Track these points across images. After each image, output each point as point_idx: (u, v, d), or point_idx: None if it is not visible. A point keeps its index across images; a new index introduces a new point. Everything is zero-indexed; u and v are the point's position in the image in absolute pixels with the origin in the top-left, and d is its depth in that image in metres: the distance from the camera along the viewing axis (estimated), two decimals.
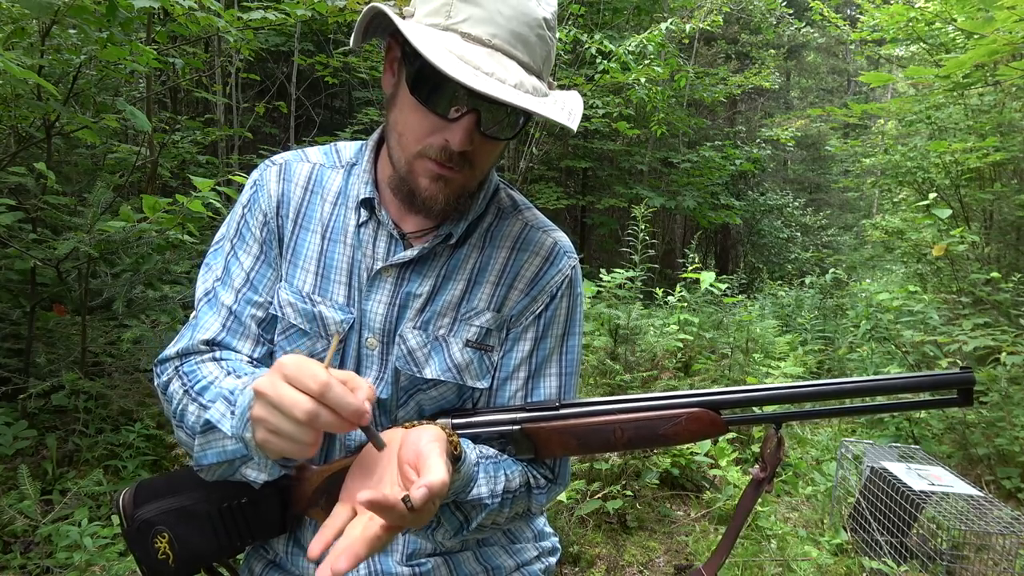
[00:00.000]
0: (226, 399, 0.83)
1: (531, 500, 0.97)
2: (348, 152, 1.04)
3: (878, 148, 8.08)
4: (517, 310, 0.99)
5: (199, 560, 0.90)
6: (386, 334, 0.95)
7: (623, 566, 3.01)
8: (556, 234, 1.03)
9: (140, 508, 0.89)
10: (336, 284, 0.96)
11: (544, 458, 0.96)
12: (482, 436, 0.93)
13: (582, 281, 1.06)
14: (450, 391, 0.97)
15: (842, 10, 13.92)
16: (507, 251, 0.99)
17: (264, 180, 1.00)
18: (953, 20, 5.62)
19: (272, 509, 0.91)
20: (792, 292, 9.62)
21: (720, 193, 11.79)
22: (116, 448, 3.13)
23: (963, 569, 2.82)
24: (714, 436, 0.89)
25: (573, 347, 1.03)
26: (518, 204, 1.05)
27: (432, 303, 0.96)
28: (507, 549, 1.06)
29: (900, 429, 4.43)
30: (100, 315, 3.56)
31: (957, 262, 5.38)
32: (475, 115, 0.84)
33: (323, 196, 0.99)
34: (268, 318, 0.97)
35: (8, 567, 2.36)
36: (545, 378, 1.01)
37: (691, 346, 4.93)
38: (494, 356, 0.99)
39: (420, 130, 0.86)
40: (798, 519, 3.62)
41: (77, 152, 4.29)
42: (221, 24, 3.11)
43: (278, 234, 0.98)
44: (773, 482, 0.93)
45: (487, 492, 0.88)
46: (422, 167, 0.88)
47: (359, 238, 0.96)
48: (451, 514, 0.89)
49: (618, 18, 9.29)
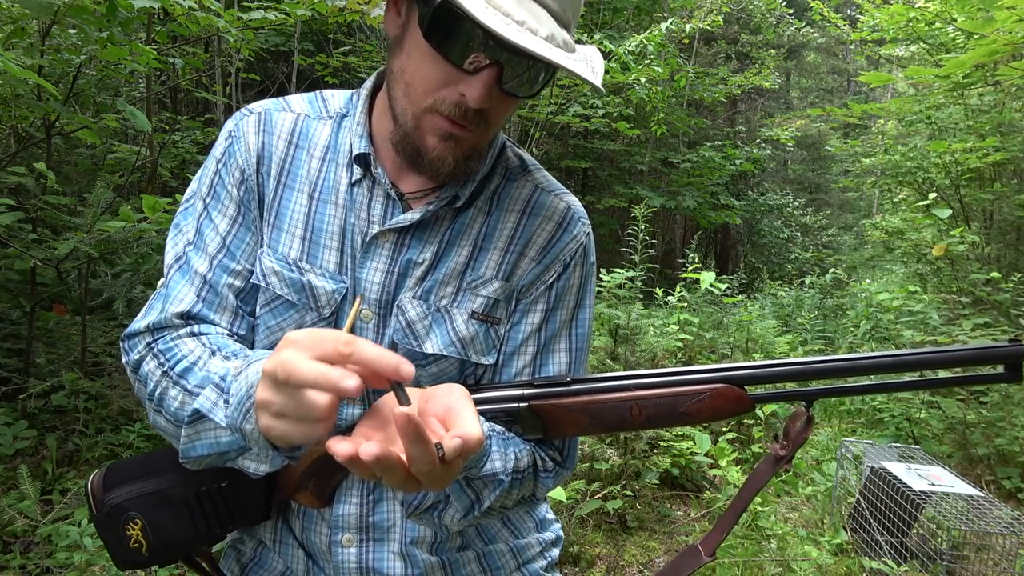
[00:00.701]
0: (217, 385, 0.75)
1: (537, 483, 0.90)
2: (337, 101, 0.93)
3: (878, 148, 8.08)
4: (528, 279, 0.91)
5: (175, 548, 0.84)
6: (382, 305, 0.87)
7: (623, 566, 3.01)
8: (568, 198, 0.95)
9: (110, 492, 0.82)
10: (326, 250, 0.87)
11: (553, 438, 0.88)
12: (487, 414, 0.84)
13: (594, 249, 0.98)
14: (452, 367, 0.89)
15: (842, 10, 13.92)
16: (517, 215, 0.91)
17: (241, 131, 0.89)
18: (953, 20, 5.62)
19: (255, 493, 0.84)
20: (792, 292, 9.62)
21: (720, 193, 11.79)
22: (116, 448, 3.13)
23: (963, 569, 2.82)
24: (739, 414, 0.81)
25: (584, 320, 0.96)
26: (527, 164, 0.96)
27: (434, 271, 0.88)
28: (511, 547, 1.00)
29: (900, 429, 4.43)
30: (100, 315, 3.56)
31: (957, 262, 5.38)
32: (497, 68, 0.74)
33: (309, 151, 0.89)
34: (248, 288, 0.88)
35: (8, 567, 2.36)
36: (555, 353, 0.93)
37: (691, 346, 4.92)
38: (500, 329, 0.91)
39: (432, 81, 0.76)
40: (798, 519, 3.62)
41: (77, 152, 4.29)
42: (221, 24, 3.11)
43: (258, 193, 0.88)
44: (792, 463, 0.84)
45: (500, 467, 0.81)
46: (431, 123, 0.78)
47: (352, 198, 0.87)
48: (461, 491, 0.80)
49: (618, 18, 9.29)
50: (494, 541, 0.99)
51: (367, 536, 0.90)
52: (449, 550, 0.94)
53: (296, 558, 0.93)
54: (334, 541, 0.90)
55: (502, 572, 0.99)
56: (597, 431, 0.85)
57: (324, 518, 0.90)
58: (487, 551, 0.97)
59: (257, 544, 0.96)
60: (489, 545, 0.98)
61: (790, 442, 0.82)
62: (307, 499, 0.86)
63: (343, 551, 0.90)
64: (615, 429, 0.85)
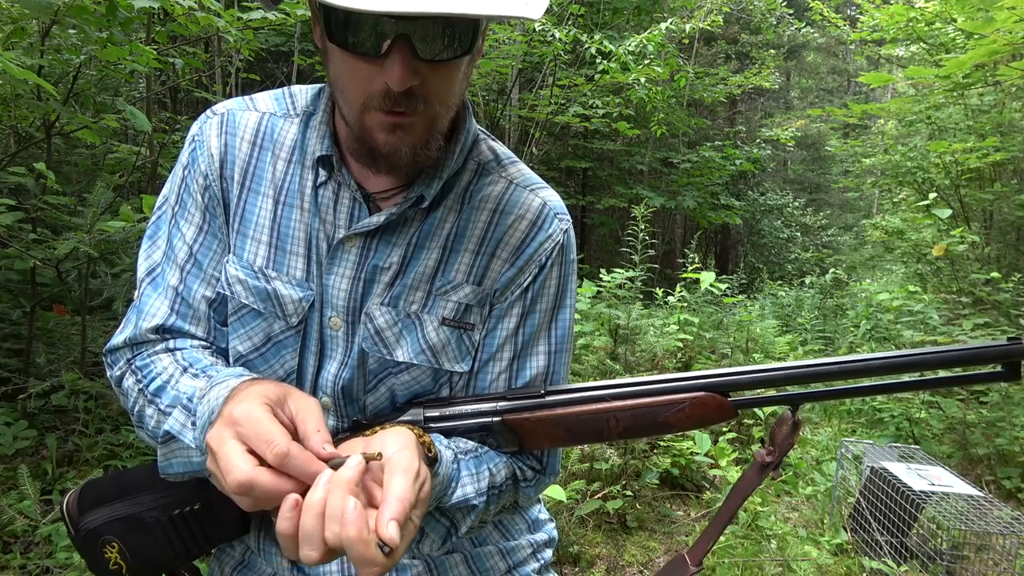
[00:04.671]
0: (185, 407, 0.75)
1: (518, 493, 0.88)
2: (304, 98, 0.89)
3: (878, 148, 8.09)
4: (501, 283, 0.87)
5: (154, 569, 0.82)
6: (350, 312, 0.84)
7: (623, 566, 3.01)
8: (545, 192, 0.90)
9: (85, 515, 0.81)
10: (292, 256, 0.84)
11: (531, 450, 0.86)
12: (459, 429, 0.82)
13: (575, 246, 0.93)
14: (425, 375, 0.86)
15: (842, 10, 13.92)
16: (488, 213, 0.86)
17: (204, 135, 0.87)
18: (953, 20, 5.62)
19: (229, 512, 0.82)
20: (792, 292, 9.62)
21: (720, 193, 11.80)
22: (116, 448, 3.13)
23: (963, 569, 2.82)
24: (722, 421, 0.79)
25: (564, 321, 0.91)
26: (501, 158, 0.91)
27: (403, 276, 0.84)
28: (500, 549, 0.97)
29: (900, 429, 4.44)
30: (100, 315, 3.56)
31: (957, 262, 5.38)
32: (405, 42, 0.69)
33: (275, 152, 0.85)
34: (218, 298, 0.86)
35: (8, 567, 2.36)
36: (532, 357, 0.89)
37: (691, 346, 4.92)
38: (475, 335, 0.87)
39: (356, 79, 0.74)
40: (798, 519, 3.62)
41: (77, 152, 4.29)
42: (221, 24, 3.11)
43: (222, 199, 0.85)
44: (779, 470, 0.81)
45: (472, 491, 0.79)
46: (373, 120, 0.75)
47: (317, 202, 0.84)
48: (436, 522, 0.79)
49: (618, 18, 9.29)
50: (483, 543, 0.96)
51: None
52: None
53: (281, 564, 0.92)
54: None
55: (491, 575, 0.96)
56: (574, 443, 0.84)
57: None
58: (475, 553, 0.95)
59: (245, 549, 0.94)
60: (478, 547, 0.96)
61: (776, 447, 0.80)
62: None
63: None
64: (592, 441, 0.83)
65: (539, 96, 7.84)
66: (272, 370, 0.86)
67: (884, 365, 0.76)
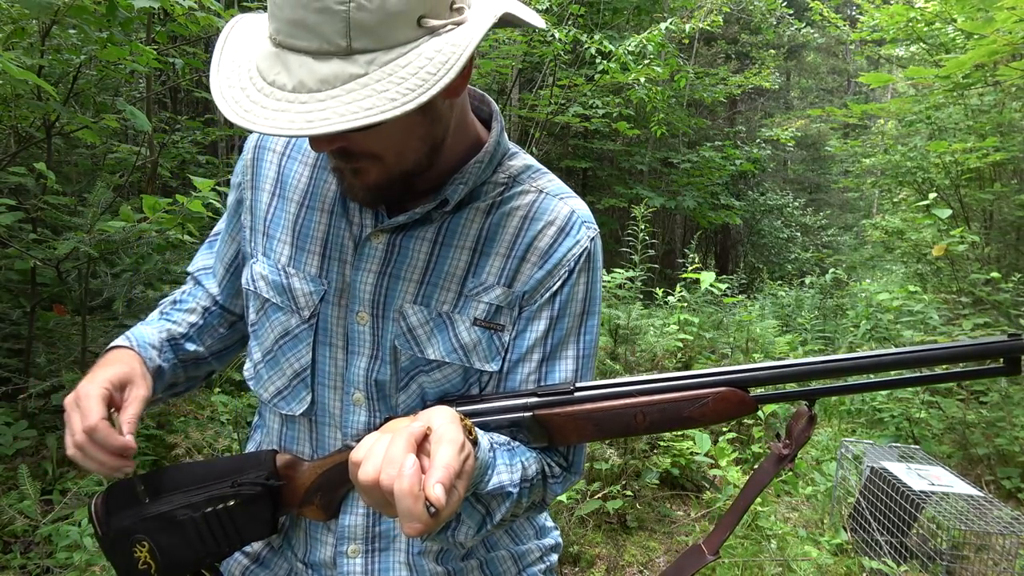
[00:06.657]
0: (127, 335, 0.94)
1: (547, 489, 0.90)
2: None
3: (878, 148, 8.08)
4: (531, 286, 0.89)
5: (184, 568, 0.84)
6: (376, 307, 0.88)
7: (623, 566, 3.01)
8: (573, 201, 0.93)
9: (115, 515, 0.83)
10: (309, 254, 0.90)
11: (559, 445, 0.89)
12: (491, 424, 0.85)
13: (602, 255, 0.97)
14: (455, 373, 0.89)
15: (842, 10, 13.93)
16: (519, 220, 0.90)
17: (247, 147, 0.98)
18: (953, 20, 5.62)
19: (262, 511, 0.85)
20: (792, 292, 9.62)
21: (720, 193, 11.80)
22: None
23: (963, 569, 2.82)
24: (743, 415, 0.83)
25: (592, 327, 0.94)
26: (532, 169, 0.95)
27: (431, 273, 0.88)
28: (512, 554, 0.99)
29: (900, 429, 4.43)
30: (100, 315, 3.56)
31: (957, 262, 5.38)
32: None
33: (302, 160, 0.94)
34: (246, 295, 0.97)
35: (8, 567, 2.36)
36: (561, 360, 0.91)
37: (691, 346, 4.92)
38: (504, 336, 0.90)
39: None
40: (798, 519, 3.62)
41: (77, 152, 4.29)
42: (221, 24, 3.11)
43: (251, 207, 0.96)
44: (795, 462, 0.86)
45: (508, 480, 0.80)
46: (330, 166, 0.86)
47: (344, 204, 0.90)
48: (472, 508, 0.80)
49: (618, 18, 9.29)
50: (496, 548, 0.99)
51: (373, 546, 0.91)
52: (453, 559, 0.94)
53: (297, 567, 0.94)
54: (339, 552, 0.91)
55: None
56: (602, 437, 0.87)
57: (330, 529, 0.91)
58: (489, 558, 0.98)
59: (264, 545, 0.97)
60: (491, 552, 0.98)
61: (793, 441, 0.83)
62: (313, 512, 0.87)
63: (348, 562, 0.91)
64: (620, 435, 0.86)
65: (539, 96, 7.85)
66: (288, 364, 0.92)
67: (895, 360, 0.80)
